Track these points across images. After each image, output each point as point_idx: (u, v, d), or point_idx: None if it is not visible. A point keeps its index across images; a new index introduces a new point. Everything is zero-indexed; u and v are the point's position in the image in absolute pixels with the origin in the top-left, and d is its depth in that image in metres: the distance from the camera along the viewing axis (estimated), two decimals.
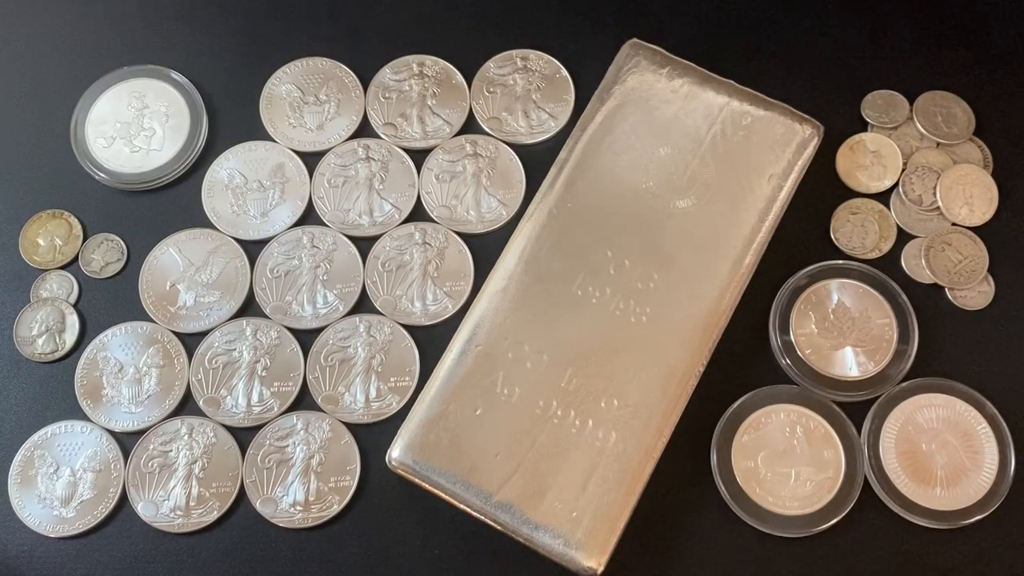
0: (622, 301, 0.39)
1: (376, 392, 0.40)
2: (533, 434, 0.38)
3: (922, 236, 0.42)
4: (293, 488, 0.39)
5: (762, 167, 0.41)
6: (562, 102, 0.44)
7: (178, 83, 0.45)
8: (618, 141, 0.42)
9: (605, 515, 0.37)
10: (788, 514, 0.38)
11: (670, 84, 0.42)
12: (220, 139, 0.44)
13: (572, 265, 0.40)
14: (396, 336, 0.41)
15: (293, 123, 0.44)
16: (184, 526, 0.39)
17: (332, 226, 0.43)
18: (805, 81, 0.44)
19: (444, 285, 0.42)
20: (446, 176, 0.43)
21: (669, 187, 0.41)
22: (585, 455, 0.37)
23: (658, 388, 0.38)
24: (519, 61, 0.45)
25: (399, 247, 0.42)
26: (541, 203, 0.41)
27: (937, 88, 0.44)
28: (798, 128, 0.41)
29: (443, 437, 0.38)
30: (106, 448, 0.40)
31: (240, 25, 0.46)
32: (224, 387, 0.40)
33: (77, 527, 0.39)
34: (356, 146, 0.44)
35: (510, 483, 0.37)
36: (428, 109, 0.44)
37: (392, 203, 0.43)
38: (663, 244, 0.40)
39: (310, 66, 0.45)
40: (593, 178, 0.41)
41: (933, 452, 0.39)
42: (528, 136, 0.44)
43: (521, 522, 0.37)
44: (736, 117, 0.42)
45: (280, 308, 0.41)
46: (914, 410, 0.39)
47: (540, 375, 0.39)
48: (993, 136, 0.44)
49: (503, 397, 0.38)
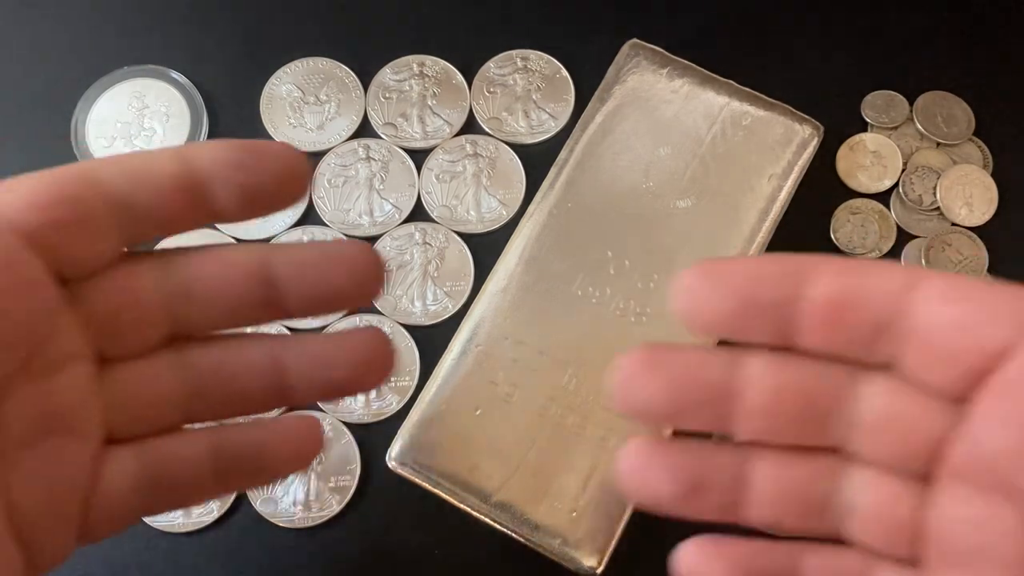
0: (622, 301, 0.39)
1: (376, 391, 0.40)
2: (533, 434, 0.38)
3: (922, 236, 0.42)
4: (293, 488, 0.39)
5: (762, 167, 0.41)
6: (562, 102, 0.44)
7: (178, 83, 0.45)
8: (618, 141, 0.42)
9: (605, 515, 0.37)
10: None
11: (670, 84, 0.42)
12: (220, 139, 0.44)
13: (572, 265, 0.40)
14: (396, 336, 0.41)
15: (293, 123, 0.44)
16: (184, 526, 0.39)
17: (332, 226, 0.43)
18: (805, 81, 0.44)
19: (444, 285, 0.42)
20: (446, 176, 0.43)
21: (669, 187, 0.41)
22: (585, 455, 0.38)
23: None
24: (519, 61, 0.45)
25: (399, 247, 0.42)
26: (541, 203, 0.41)
27: (937, 88, 0.44)
28: (798, 128, 0.41)
29: (443, 437, 0.38)
30: None
31: (240, 25, 0.46)
32: None
33: None
34: (356, 146, 0.44)
35: (510, 483, 0.37)
36: (428, 109, 0.44)
37: (392, 203, 0.43)
38: (663, 244, 0.40)
39: (310, 66, 0.45)
40: (593, 178, 0.41)
41: None
42: (528, 136, 0.44)
43: (521, 522, 0.37)
44: (736, 117, 0.42)
45: None
46: None
47: (540, 375, 0.39)
48: (993, 136, 0.44)
49: (503, 397, 0.38)
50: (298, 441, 0.28)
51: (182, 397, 0.27)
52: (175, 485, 0.27)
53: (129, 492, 0.26)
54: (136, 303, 0.26)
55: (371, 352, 0.28)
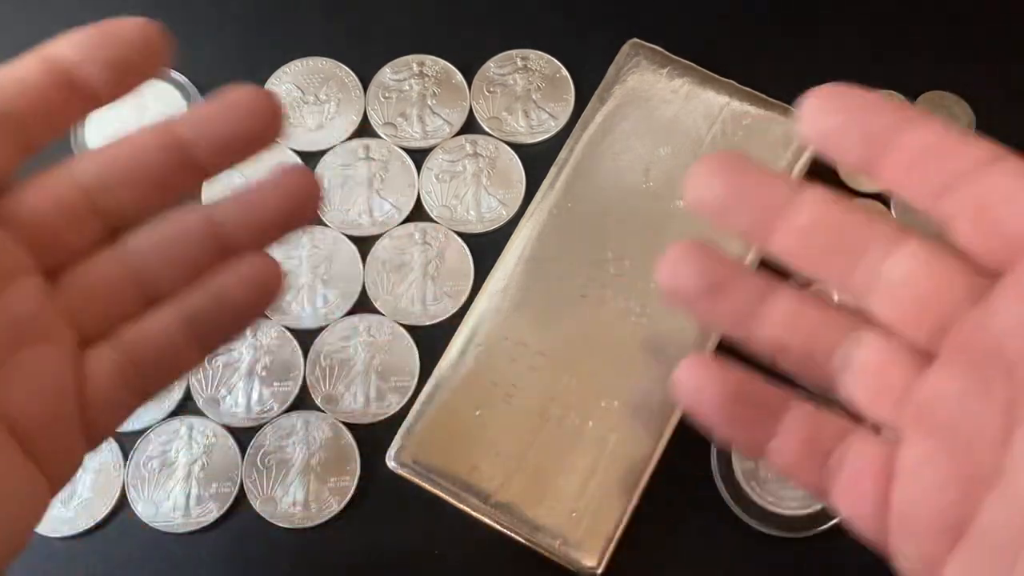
0: (622, 301, 0.39)
1: (376, 392, 0.40)
2: (533, 434, 0.38)
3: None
4: (293, 488, 0.39)
5: None
6: (562, 102, 0.44)
7: (178, 83, 0.45)
8: (618, 141, 0.42)
9: (605, 515, 0.37)
10: (788, 514, 0.38)
11: (670, 84, 0.42)
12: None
13: (572, 265, 0.40)
14: (396, 336, 0.41)
15: (293, 123, 0.44)
16: (184, 526, 0.39)
17: (332, 226, 0.43)
18: (805, 81, 0.44)
19: (444, 285, 0.42)
20: (446, 176, 0.43)
21: (669, 187, 0.41)
22: (585, 455, 0.38)
23: (658, 388, 0.38)
24: (519, 61, 0.45)
25: (399, 247, 0.42)
26: (541, 203, 0.41)
27: (937, 88, 0.44)
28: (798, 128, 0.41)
29: (443, 437, 0.38)
30: (105, 448, 0.40)
31: (240, 25, 0.46)
32: (224, 387, 0.40)
33: (77, 527, 0.39)
34: (356, 146, 0.44)
35: (510, 483, 0.37)
36: (428, 109, 0.44)
37: (392, 203, 0.43)
38: (663, 244, 0.40)
39: (310, 66, 0.45)
40: (593, 178, 0.41)
41: None
42: (528, 136, 0.44)
43: (521, 522, 0.37)
44: (736, 117, 0.42)
45: (280, 308, 0.41)
46: None
47: (540, 375, 0.39)
48: (993, 136, 0.43)
49: (503, 397, 0.38)
50: (256, 276, 0.29)
51: (134, 281, 0.29)
52: (158, 361, 0.29)
53: (117, 381, 0.28)
54: (59, 207, 0.28)
55: (295, 185, 0.30)
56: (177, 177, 0.29)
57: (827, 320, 0.26)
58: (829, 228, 0.26)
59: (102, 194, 0.28)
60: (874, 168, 0.25)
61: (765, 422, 0.26)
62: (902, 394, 0.25)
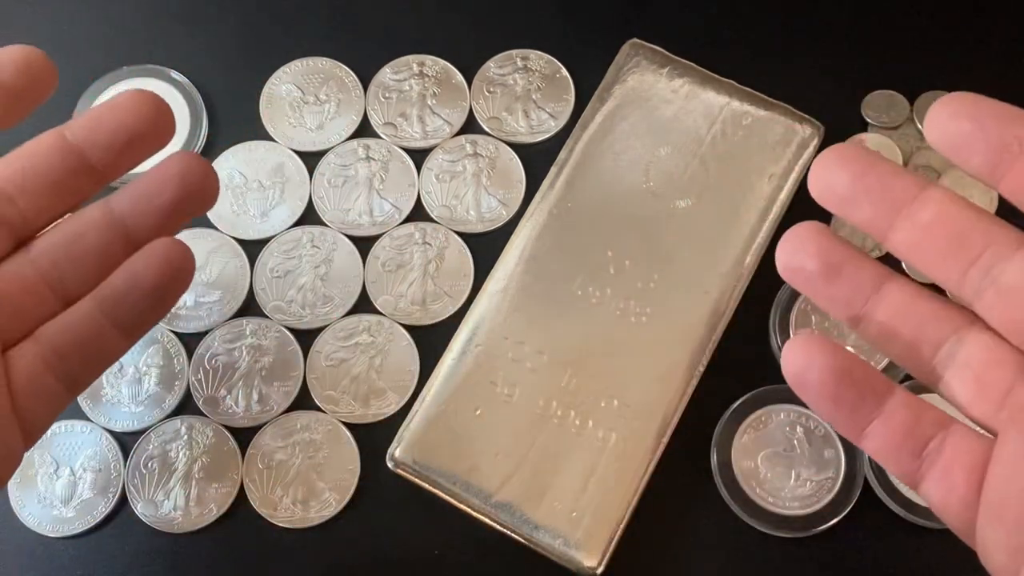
0: (622, 301, 0.39)
1: (376, 392, 0.40)
2: (533, 434, 0.38)
3: None
4: (293, 488, 0.39)
5: (762, 167, 0.41)
6: (562, 102, 0.44)
7: (178, 83, 0.45)
8: (618, 141, 0.42)
9: (605, 515, 0.37)
10: (788, 514, 0.38)
11: (670, 84, 0.42)
12: (220, 139, 0.44)
13: (572, 265, 0.40)
14: (396, 336, 0.41)
15: (293, 123, 0.44)
16: (184, 526, 0.39)
17: (332, 226, 0.43)
18: (805, 81, 0.44)
19: (444, 285, 0.42)
20: (446, 176, 0.43)
21: (669, 187, 0.41)
22: (585, 455, 0.38)
23: (658, 388, 0.38)
24: (519, 61, 0.45)
25: (399, 247, 0.42)
26: (541, 203, 0.41)
27: (937, 88, 0.44)
28: (798, 128, 0.41)
29: (443, 437, 0.38)
30: (106, 448, 0.40)
31: (240, 25, 0.46)
32: (224, 387, 0.40)
33: (77, 527, 0.39)
34: (356, 146, 0.44)
35: (510, 483, 0.37)
36: (428, 109, 0.44)
37: (392, 203, 0.43)
38: (663, 244, 0.40)
39: (310, 66, 0.45)
40: (593, 178, 0.41)
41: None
42: (528, 136, 0.44)
43: (521, 522, 0.37)
44: (736, 117, 0.42)
45: (280, 308, 0.41)
46: None
47: (540, 375, 0.39)
48: None
49: (503, 397, 0.38)
50: (164, 259, 0.31)
51: (47, 281, 0.30)
52: (82, 349, 0.30)
53: (45, 375, 0.29)
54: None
55: (187, 171, 0.31)
56: (75, 182, 0.30)
57: (938, 314, 0.27)
58: (950, 227, 0.26)
59: (3, 205, 0.30)
60: (996, 176, 0.25)
61: (868, 405, 0.27)
62: (1004, 396, 0.25)
